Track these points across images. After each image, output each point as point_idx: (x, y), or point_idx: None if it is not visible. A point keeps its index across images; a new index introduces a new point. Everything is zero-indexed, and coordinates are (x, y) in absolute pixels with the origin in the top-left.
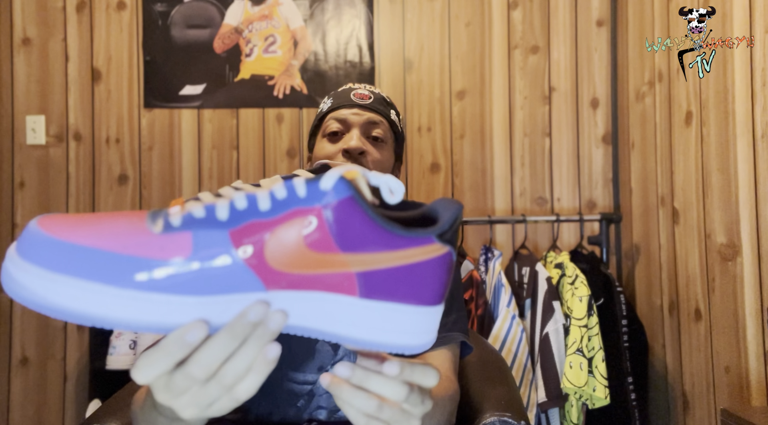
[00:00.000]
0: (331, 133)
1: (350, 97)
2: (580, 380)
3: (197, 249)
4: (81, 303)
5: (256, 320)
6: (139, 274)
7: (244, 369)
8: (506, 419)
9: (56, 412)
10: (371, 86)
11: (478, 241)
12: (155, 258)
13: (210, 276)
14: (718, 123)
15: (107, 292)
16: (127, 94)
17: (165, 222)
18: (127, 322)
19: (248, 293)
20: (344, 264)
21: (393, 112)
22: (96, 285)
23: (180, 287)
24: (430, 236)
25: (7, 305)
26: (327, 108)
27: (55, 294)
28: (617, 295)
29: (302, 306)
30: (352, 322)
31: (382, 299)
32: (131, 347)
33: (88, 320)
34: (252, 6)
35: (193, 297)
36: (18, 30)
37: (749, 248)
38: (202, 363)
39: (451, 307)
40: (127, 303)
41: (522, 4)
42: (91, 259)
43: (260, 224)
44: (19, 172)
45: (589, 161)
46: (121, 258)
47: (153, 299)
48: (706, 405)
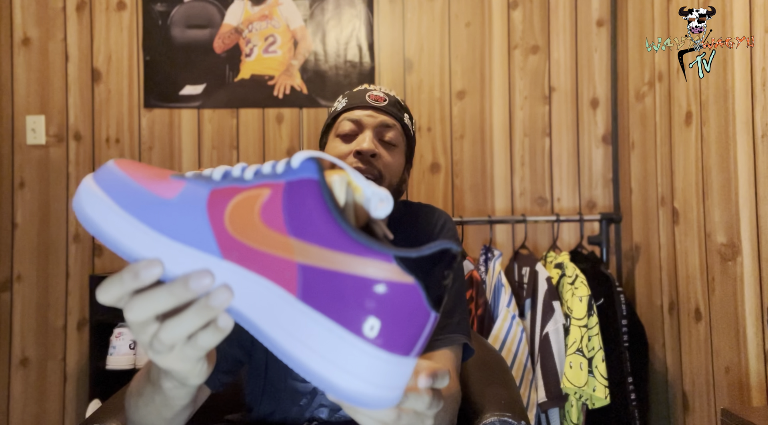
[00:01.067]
0: (344, 133)
1: (365, 98)
2: (580, 380)
3: (182, 195)
4: (102, 221)
5: (196, 289)
6: (146, 207)
7: (182, 336)
8: (506, 419)
9: (56, 412)
10: (386, 88)
11: (478, 241)
12: (156, 194)
13: (178, 221)
14: (718, 123)
15: (121, 215)
16: (127, 94)
17: (181, 176)
18: (120, 246)
19: (203, 253)
20: (289, 249)
21: (407, 115)
22: (121, 210)
23: (157, 222)
24: (387, 253)
25: (7, 305)
26: (341, 107)
27: (92, 207)
28: (617, 295)
29: (246, 289)
30: (290, 330)
31: (322, 311)
32: (131, 347)
33: (104, 237)
34: (252, 6)
35: (158, 233)
36: (18, 30)
37: (749, 248)
38: (136, 309)
39: (455, 308)
40: (130, 229)
41: (522, 4)
42: (131, 192)
43: (236, 189)
44: (19, 172)
45: (589, 161)
46: (144, 193)
47: (141, 228)
48: (706, 405)
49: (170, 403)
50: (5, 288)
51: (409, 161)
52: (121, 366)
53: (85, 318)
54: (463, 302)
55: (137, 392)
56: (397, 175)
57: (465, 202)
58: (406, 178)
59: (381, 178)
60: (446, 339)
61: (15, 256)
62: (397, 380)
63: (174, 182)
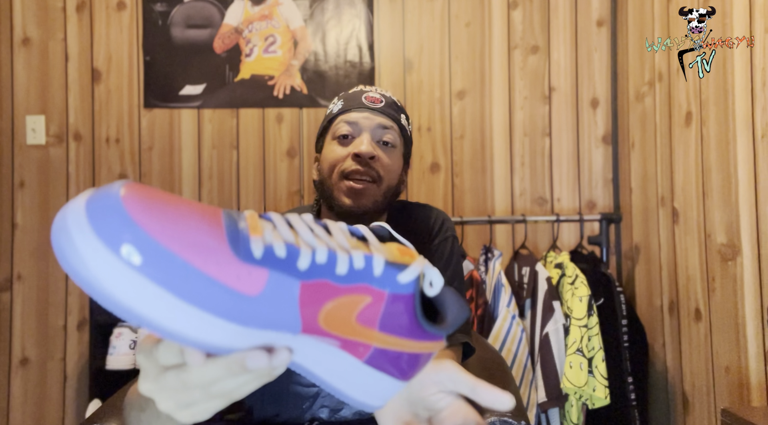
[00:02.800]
0: (341, 135)
1: (361, 100)
2: (580, 380)
3: (268, 289)
4: (137, 302)
5: (254, 368)
6: (208, 294)
7: (234, 389)
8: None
9: (56, 412)
10: (382, 89)
11: (478, 241)
12: (227, 285)
13: (262, 313)
14: (718, 123)
15: (169, 301)
16: (127, 94)
17: (245, 249)
18: (171, 331)
19: (282, 333)
20: (372, 338)
21: (403, 116)
22: (161, 291)
23: (232, 314)
24: (442, 334)
25: (7, 305)
26: (337, 110)
27: (114, 285)
28: (617, 295)
29: (312, 352)
30: (342, 376)
31: (379, 369)
32: (131, 347)
33: (137, 318)
34: (252, 6)
35: (236, 325)
36: (18, 30)
37: (749, 248)
38: (192, 377)
39: None
40: (180, 315)
41: (522, 4)
42: (168, 265)
43: (331, 287)
44: (19, 172)
45: (589, 161)
46: (197, 274)
47: (203, 317)
48: (706, 405)
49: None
50: (5, 288)
51: (407, 161)
52: (121, 366)
53: (85, 318)
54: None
55: (138, 406)
56: (396, 176)
57: (465, 202)
58: (404, 178)
59: (380, 180)
60: (448, 338)
61: (15, 256)
62: (395, 394)
63: (248, 268)
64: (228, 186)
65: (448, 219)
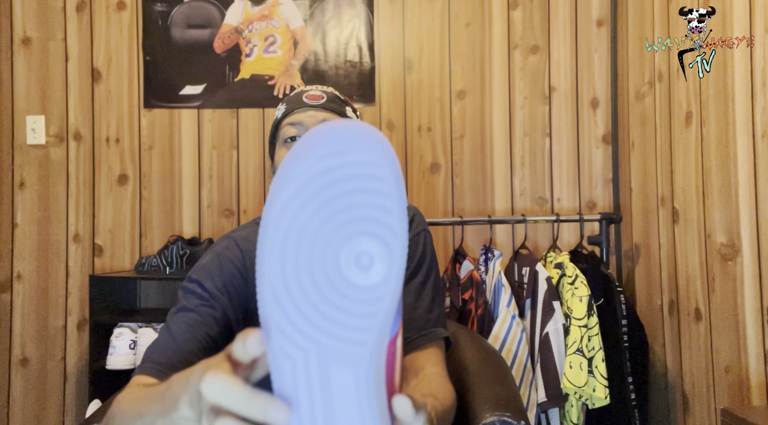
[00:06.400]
0: (289, 137)
1: (302, 99)
2: (580, 380)
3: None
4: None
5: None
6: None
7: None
8: (506, 419)
9: (56, 412)
10: (323, 86)
11: (478, 241)
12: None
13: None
14: (718, 123)
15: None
16: (127, 94)
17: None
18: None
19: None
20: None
21: (349, 108)
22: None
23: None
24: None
25: (7, 305)
26: (281, 114)
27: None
28: (617, 295)
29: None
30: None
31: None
32: (131, 347)
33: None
34: (252, 6)
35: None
36: (18, 30)
37: (749, 248)
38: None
39: (434, 302)
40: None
41: (522, 4)
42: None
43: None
44: (19, 172)
45: (589, 161)
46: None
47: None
48: (706, 405)
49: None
50: (5, 288)
51: None
52: (121, 366)
53: (85, 318)
54: (440, 295)
55: (130, 418)
56: None
57: (465, 202)
58: None
59: None
60: (430, 334)
61: (15, 256)
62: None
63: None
64: (228, 186)
65: (419, 214)
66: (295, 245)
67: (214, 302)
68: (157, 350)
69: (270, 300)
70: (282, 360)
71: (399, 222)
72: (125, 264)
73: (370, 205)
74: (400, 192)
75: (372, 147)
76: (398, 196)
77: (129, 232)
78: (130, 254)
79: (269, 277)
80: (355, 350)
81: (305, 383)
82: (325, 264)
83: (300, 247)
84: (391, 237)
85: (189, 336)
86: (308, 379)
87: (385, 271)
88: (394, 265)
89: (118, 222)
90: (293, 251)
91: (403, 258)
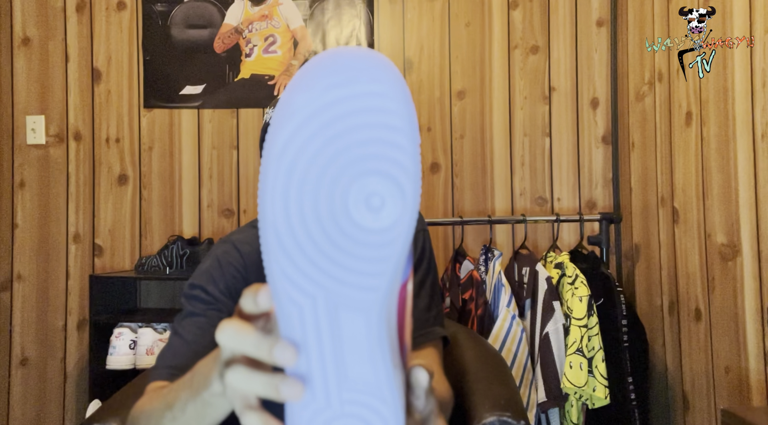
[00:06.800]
0: None
1: None
2: (580, 380)
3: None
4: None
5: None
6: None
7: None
8: (506, 419)
9: (56, 412)
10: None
11: (478, 241)
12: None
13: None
14: (718, 123)
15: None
16: (127, 94)
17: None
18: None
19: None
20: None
21: None
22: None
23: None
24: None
25: (7, 305)
26: (269, 118)
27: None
28: (617, 295)
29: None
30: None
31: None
32: (131, 347)
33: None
34: (252, 6)
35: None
36: (18, 30)
37: (749, 248)
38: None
39: (432, 301)
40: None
41: (522, 4)
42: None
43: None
44: (19, 172)
45: (589, 161)
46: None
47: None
48: (706, 405)
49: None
50: (5, 288)
51: None
52: (121, 366)
53: (85, 318)
54: (437, 293)
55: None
56: None
57: (465, 202)
58: None
59: None
60: (428, 334)
61: (15, 256)
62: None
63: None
64: (228, 186)
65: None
66: (299, 186)
67: (219, 305)
68: (170, 355)
69: (273, 244)
70: (288, 306)
71: (411, 160)
72: (125, 264)
73: (380, 140)
74: (412, 127)
75: (382, 77)
76: (411, 131)
77: (129, 232)
78: (130, 254)
79: (272, 220)
80: (366, 296)
81: (314, 329)
82: (333, 205)
83: (304, 188)
84: (403, 176)
85: (201, 339)
86: (317, 325)
87: (398, 213)
88: (406, 207)
89: (118, 222)
90: (297, 192)
91: (416, 199)
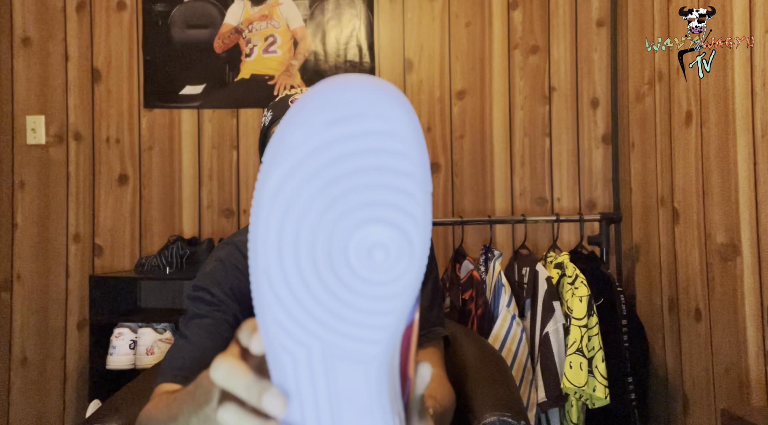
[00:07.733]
0: None
1: (288, 104)
2: (580, 380)
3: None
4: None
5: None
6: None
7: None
8: (506, 419)
9: (56, 412)
10: (307, 88)
11: (478, 241)
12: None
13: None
14: (718, 123)
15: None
16: (127, 94)
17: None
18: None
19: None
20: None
21: None
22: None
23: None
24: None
25: (7, 305)
26: (268, 121)
27: None
28: (617, 295)
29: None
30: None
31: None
32: (131, 347)
33: None
34: (252, 6)
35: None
36: (18, 30)
37: (749, 248)
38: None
39: (433, 301)
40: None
41: (522, 4)
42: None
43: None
44: (19, 172)
45: (589, 161)
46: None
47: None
48: (706, 405)
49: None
50: (5, 288)
51: None
52: (121, 366)
53: (85, 318)
54: (438, 293)
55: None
56: None
57: (465, 202)
58: None
59: None
60: (430, 333)
61: (15, 256)
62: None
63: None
64: (228, 186)
65: None
66: (294, 231)
67: (224, 306)
68: (177, 357)
69: (265, 290)
70: (281, 354)
71: (422, 209)
72: (125, 265)
73: (386, 186)
74: (424, 172)
75: (392, 113)
76: (422, 176)
77: (129, 232)
78: (130, 254)
79: (264, 266)
80: (366, 349)
81: (308, 379)
82: (331, 254)
83: (300, 234)
84: (411, 226)
85: (207, 340)
86: (312, 376)
87: (404, 266)
88: (414, 259)
89: (118, 222)
90: (292, 238)
91: (425, 251)
